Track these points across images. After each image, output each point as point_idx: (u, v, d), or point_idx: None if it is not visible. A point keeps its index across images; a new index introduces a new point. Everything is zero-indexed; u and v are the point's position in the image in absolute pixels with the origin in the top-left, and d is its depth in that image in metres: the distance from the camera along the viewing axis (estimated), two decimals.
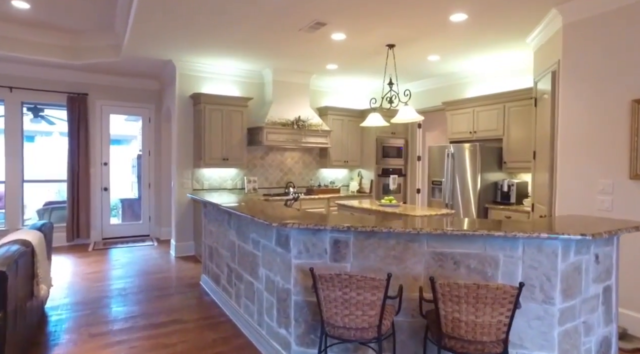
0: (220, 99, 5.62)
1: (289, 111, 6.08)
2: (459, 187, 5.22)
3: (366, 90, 7.35)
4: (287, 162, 6.59)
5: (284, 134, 5.87)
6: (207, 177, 5.91)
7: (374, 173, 6.76)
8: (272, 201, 5.73)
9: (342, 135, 6.78)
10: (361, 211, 4.72)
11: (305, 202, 6.07)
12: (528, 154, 4.72)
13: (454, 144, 5.32)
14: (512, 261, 2.10)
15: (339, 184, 7.14)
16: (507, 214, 4.77)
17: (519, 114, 4.92)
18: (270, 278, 2.72)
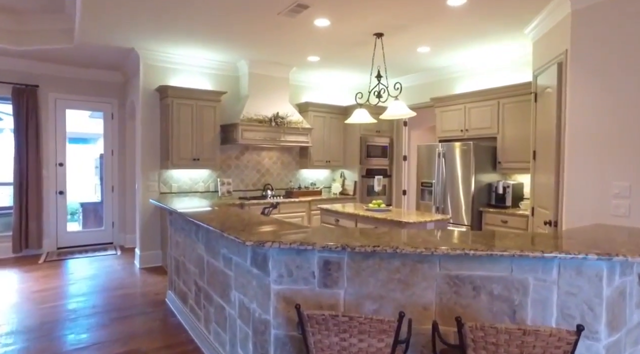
0: (189, 92, 5.06)
1: (267, 107, 5.58)
2: (451, 190, 4.86)
3: (350, 85, 6.92)
4: (264, 162, 6.09)
5: (261, 132, 5.37)
6: (175, 179, 5.34)
7: (358, 174, 6.35)
8: (248, 205, 5.22)
9: (323, 133, 6.33)
10: (347, 216, 4.29)
11: (285, 206, 5.58)
12: (525, 154, 4.40)
13: (444, 143, 4.96)
14: (545, 285, 1.70)
15: (321, 186, 6.69)
16: (503, 219, 4.44)
17: (514, 111, 4.60)
18: (245, 304, 2.24)
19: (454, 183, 4.82)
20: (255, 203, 5.30)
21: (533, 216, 3.99)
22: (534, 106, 3.99)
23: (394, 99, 4.04)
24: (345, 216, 4.31)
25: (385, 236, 1.95)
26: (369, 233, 2.05)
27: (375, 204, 4.30)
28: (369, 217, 3.97)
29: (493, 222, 4.54)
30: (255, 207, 5.28)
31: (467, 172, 4.69)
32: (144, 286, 4.45)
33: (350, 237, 1.90)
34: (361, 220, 4.10)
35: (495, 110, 4.78)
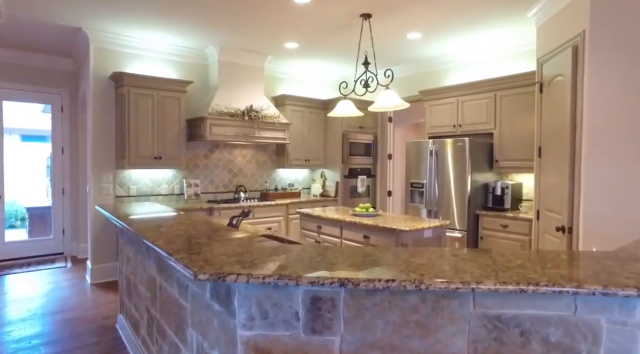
0: (149, 81, 4.41)
1: (239, 99, 4.99)
2: (444, 191, 4.41)
3: (332, 78, 6.40)
4: (237, 161, 5.48)
5: (232, 127, 4.77)
6: (134, 180, 4.67)
7: (340, 174, 5.84)
8: (218, 209, 4.61)
9: (302, 129, 5.78)
10: (331, 222, 3.76)
11: (260, 210, 5.00)
12: (525, 151, 4.01)
13: (436, 140, 4.51)
14: (624, 331, 1.22)
15: (299, 187, 6.14)
16: (503, 223, 4.02)
17: (513, 104, 4.19)
18: (204, 350, 1.67)
19: (448, 183, 4.38)
20: (226, 207, 4.70)
21: (538, 220, 3.58)
22: (538, 97, 3.57)
23: (385, 88, 3.54)
24: (329, 222, 3.78)
25: (390, 256, 1.43)
26: (370, 254, 1.52)
27: (362, 208, 3.79)
28: (356, 224, 3.45)
29: (491, 227, 4.12)
30: (226, 213, 4.68)
31: (462, 172, 4.25)
32: (93, 307, 3.77)
33: (346, 262, 1.37)
34: (348, 227, 3.58)
35: (492, 103, 4.37)
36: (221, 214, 4.65)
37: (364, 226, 3.38)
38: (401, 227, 3.11)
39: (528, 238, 3.81)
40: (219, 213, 4.64)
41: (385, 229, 3.18)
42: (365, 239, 3.40)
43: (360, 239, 3.45)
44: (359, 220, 3.47)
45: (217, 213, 4.62)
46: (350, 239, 3.55)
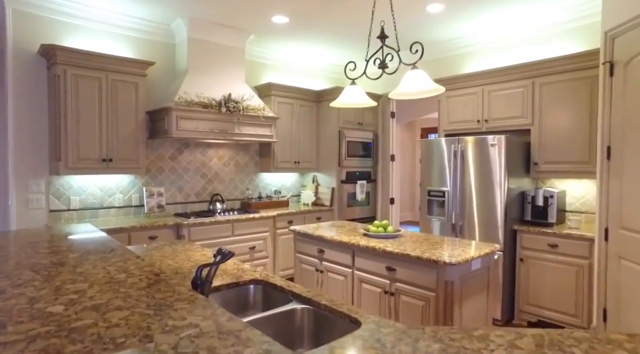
0: (95, 59, 3.36)
1: (214, 87, 3.99)
2: (473, 201, 3.56)
3: (326, 66, 5.48)
4: (211, 164, 4.47)
5: (206, 121, 3.77)
6: (77, 189, 3.60)
7: (336, 179, 4.92)
8: (187, 225, 3.61)
9: (291, 126, 4.83)
10: (338, 247, 2.83)
11: (241, 225, 4.02)
12: (574, 151, 3.22)
13: (461, 138, 3.66)
14: None
15: (287, 194, 5.19)
16: (551, 242, 3.20)
17: (558, 93, 3.39)
18: None
19: (477, 191, 3.53)
20: (198, 223, 3.69)
21: (607, 241, 2.77)
22: (606, 82, 2.76)
23: (411, 67, 2.64)
24: (336, 246, 2.85)
25: None
26: None
27: (377, 227, 2.89)
28: (376, 251, 2.54)
29: (534, 246, 3.30)
30: (198, 231, 3.68)
31: (496, 177, 3.41)
32: None
33: None
34: (363, 254, 2.66)
35: (529, 93, 3.56)
36: (192, 233, 3.64)
37: (387, 253, 2.47)
38: (445, 257, 2.22)
39: (587, 262, 3.01)
40: (189, 232, 3.63)
41: (422, 260, 2.28)
42: (389, 272, 2.49)
43: (381, 271, 2.54)
44: (379, 244, 2.56)
45: (187, 232, 3.61)
46: (366, 271, 2.64)
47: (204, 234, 3.73)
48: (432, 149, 3.86)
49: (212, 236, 3.79)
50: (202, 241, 3.72)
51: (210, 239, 3.78)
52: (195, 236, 3.67)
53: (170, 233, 3.56)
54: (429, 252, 2.33)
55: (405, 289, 2.40)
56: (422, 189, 3.96)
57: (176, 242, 2.61)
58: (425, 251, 2.36)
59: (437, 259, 2.20)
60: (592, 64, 3.16)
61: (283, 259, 4.42)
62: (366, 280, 2.63)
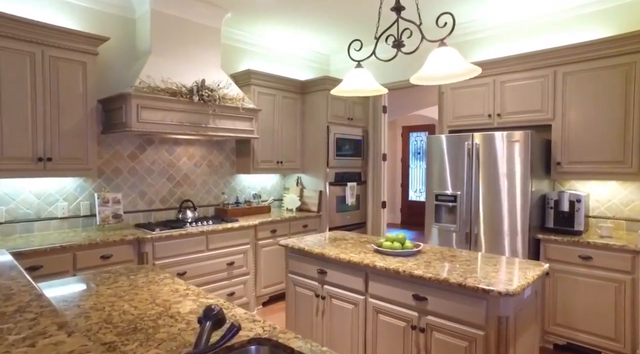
0: (27, 27, 2.61)
1: (184, 71, 3.33)
2: (490, 206, 3.10)
3: (313, 55, 4.90)
4: (180, 164, 3.79)
5: (174, 112, 3.10)
6: (3, 197, 2.83)
7: (324, 180, 4.35)
8: (151, 240, 2.94)
9: (273, 120, 4.22)
10: (346, 268, 2.27)
11: (216, 238, 3.36)
12: (605, 150, 2.84)
13: (478, 134, 3.19)
14: None
15: (269, 198, 4.57)
16: (583, 253, 2.78)
17: (586, 84, 2.99)
18: None
19: (495, 196, 3.08)
20: (165, 236, 3.01)
21: None
22: None
23: (439, 44, 2.11)
24: (343, 266, 2.29)
25: None
26: None
27: (392, 241, 2.36)
28: (399, 274, 1.99)
29: (561, 258, 2.88)
30: (164, 247, 3.00)
31: (519, 178, 2.97)
32: None
33: None
34: (380, 278, 2.11)
35: (549, 84, 3.15)
36: (157, 249, 2.96)
37: (416, 279, 1.93)
38: (499, 286, 1.70)
39: (630, 278, 2.61)
40: (153, 248, 2.94)
41: (467, 289, 1.76)
42: (417, 301, 1.95)
43: (406, 300, 2.00)
44: (402, 266, 2.02)
45: (150, 248, 2.93)
46: (384, 299, 2.09)
47: (172, 250, 3.06)
48: (441, 146, 3.38)
49: (181, 252, 3.12)
50: (169, 259, 3.04)
51: (180, 256, 3.11)
52: (160, 253, 2.99)
53: (129, 250, 2.86)
54: (472, 278, 1.81)
55: (440, 324, 1.87)
56: (428, 193, 3.47)
57: (136, 269, 1.95)
58: (465, 275, 1.85)
59: (488, 288, 1.69)
60: (629, 50, 2.78)
61: (266, 274, 3.80)
62: (385, 310, 2.09)
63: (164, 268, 3.01)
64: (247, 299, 3.59)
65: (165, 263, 3.02)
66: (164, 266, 3.01)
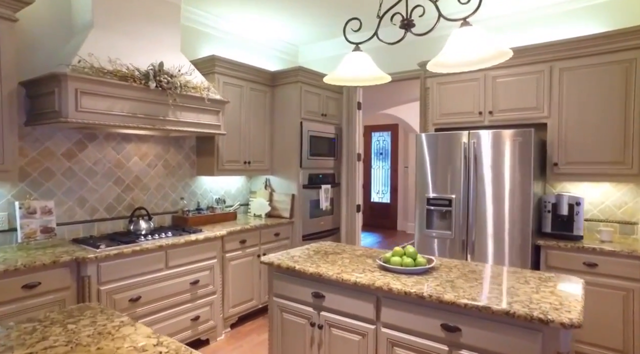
0: None
1: (137, 52, 2.74)
2: (489, 211, 2.86)
3: (283, 45, 4.44)
4: (131, 164, 3.17)
5: (125, 100, 2.51)
6: None
7: (297, 183, 3.92)
8: (97, 260, 2.36)
9: (240, 114, 3.72)
10: (351, 291, 1.87)
11: (177, 253, 2.81)
12: (607, 151, 2.71)
13: (473, 132, 2.94)
14: None
15: (235, 204, 4.05)
16: (588, 260, 2.62)
17: (584, 81, 2.84)
18: None
19: (495, 200, 2.84)
20: (113, 255, 2.41)
21: None
22: None
23: (461, 24, 1.78)
24: (346, 289, 1.88)
25: None
26: None
27: (401, 256, 2.00)
28: (423, 299, 1.63)
29: (564, 266, 2.70)
30: (111, 270, 2.41)
31: (521, 180, 2.75)
32: None
33: None
34: (396, 304, 1.73)
35: (545, 80, 2.97)
36: (103, 271, 2.36)
37: (446, 305, 1.58)
38: (554, 314, 1.39)
39: (639, 286, 2.46)
40: (98, 270, 2.34)
41: (516, 318, 1.43)
42: (447, 333, 1.60)
43: (432, 331, 1.64)
44: (424, 288, 1.66)
45: (94, 270, 2.32)
46: (402, 329, 1.72)
47: (123, 271, 2.47)
48: (434, 146, 3.09)
49: (134, 273, 2.53)
50: (119, 282, 2.45)
51: (132, 278, 2.52)
52: (108, 275, 2.39)
53: (65, 275, 2.24)
54: (518, 303, 1.49)
55: None
56: (418, 196, 3.17)
57: (77, 312, 1.40)
58: (504, 298, 1.52)
59: (547, 318, 1.37)
60: (630, 46, 2.65)
61: (235, 292, 3.30)
62: (403, 343, 1.71)
63: (112, 293, 2.41)
64: (213, 322, 3.06)
65: (114, 288, 2.42)
66: (113, 291, 2.41)
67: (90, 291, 2.31)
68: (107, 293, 2.39)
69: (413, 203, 8.18)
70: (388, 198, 8.68)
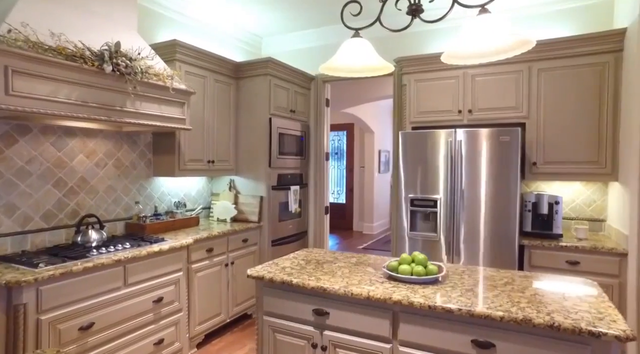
0: None
1: (85, 28, 2.29)
2: (476, 211, 2.79)
3: (247, 36, 4.09)
4: (75, 163, 2.66)
5: (74, 85, 2.06)
6: None
7: (265, 184, 3.62)
8: (32, 284, 1.88)
9: (204, 108, 3.34)
10: (366, 307, 1.65)
11: (137, 268, 2.39)
12: (583, 150, 2.78)
13: (463, 130, 2.86)
14: None
15: (196, 207, 3.64)
16: (571, 258, 2.65)
17: (561, 82, 2.88)
18: None
19: (482, 200, 2.78)
20: (58, 275, 1.95)
21: None
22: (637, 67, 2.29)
23: (478, 12, 1.64)
24: (354, 304, 1.66)
25: None
26: None
27: (409, 263, 1.82)
28: (451, 313, 1.46)
29: (548, 265, 2.71)
30: (56, 291, 1.96)
31: (507, 180, 2.72)
32: None
33: None
34: (414, 318, 1.54)
35: (524, 80, 2.99)
36: (44, 297, 1.90)
37: (477, 319, 1.42)
38: (600, 325, 1.29)
39: (617, 282, 2.53)
40: (39, 296, 1.88)
41: (561, 331, 1.30)
42: (479, 349, 1.44)
43: (462, 348, 1.47)
44: (454, 303, 1.49)
45: (33, 296, 1.86)
46: (424, 347, 1.54)
47: (71, 294, 2.02)
48: (418, 144, 2.97)
49: (86, 295, 2.09)
50: (65, 308, 2.00)
51: (83, 301, 2.08)
52: (51, 302, 1.94)
53: None
54: (558, 314, 1.37)
55: None
56: (399, 197, 3.04)
57: None
58: (538, 308, 1.40)
59: (596, 331, 1.26)
60: (603, 49, 2.73)
61: (202, 307, 2.93)
62: None
63: (56, 323, 1.96)
64: (179, 344, 2.67)
65: (59, 316, 1.97)
66: (57, 320, 1.96)
67: (26, 323, 1.85)
68: (49, 323, 1.93)
69: (370, 204, 8.16)
70: (343, 199, 8.59)
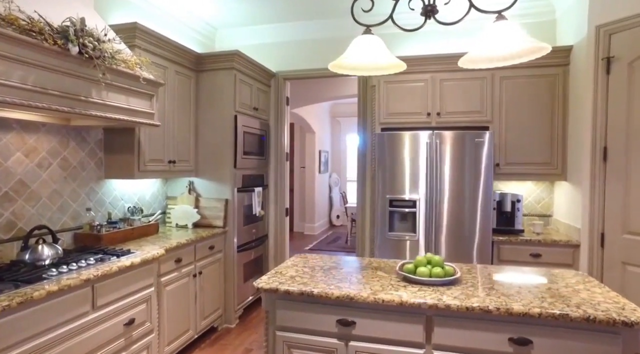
0: None
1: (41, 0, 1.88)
2: (454, 210, 2.91)
3: (204, 27, 3.76)
4: (10, 163, 2.19)
5: (30, 66, 1.67)
6: None
7: (231, 186, 3.38)
8: None
9: (165, 103, 3.00)
10: (397, 313, 1.59)
11: (107, 287, 2.04)
12: (539, 152, 3.08)
13: (439, 132, 2.95)
14: None
15: (155, 213, 3.26)
16: (534, 251, 2.89)
17: (520, 90, 3.14)
18: None
19: (459, 199, 2.91)
20: (14, 306, 1.56)
21: (603, 248, 2.62)
22: (600, 80, 2.61)
23: (495, 18, 1.69)
24: (384, 312, 1.60)
25: None
26: None
27: (425, 265, 1.82)
28: (488, 313, 1.47)
29: (514, 258, 2.93)
30: (5, 326, 1.56)
31: (481, 180, 2.88)
32: None
33: None
34: (448, 321, 1.53)
35: (488, 86, 3.20)
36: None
37: (516, 317, 1.46)
38: (636, 315, 1.40)
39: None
40: None
41: (595, 323, 1.39)
42: (516, 346, 1.48)
43: (499, 347, 1.49)
44: (491, 304, 1.51)
45: None
46: (462, 350, 1.53)
47: (27, 328, 1.63)
48: (396, 145, 3.00)
49: (48, 327, 1.71)
50: (21, 347, 1.61)
51: (44, 335, 1.70)
52: (5, 341, 1.55)
53: None
54: (589, 307, 1.47)
55: None
56: (378, 198, 3.04)
57: None
58: (566, 303, 1.49)
59: (629, 321, 1.36)
60: (554, 62, 3.04)
61: (171, 324, 2.61)
62: None
63: None
64: None
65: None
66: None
67: None
68: None
69: (311, 204, 8.14)
70: None
